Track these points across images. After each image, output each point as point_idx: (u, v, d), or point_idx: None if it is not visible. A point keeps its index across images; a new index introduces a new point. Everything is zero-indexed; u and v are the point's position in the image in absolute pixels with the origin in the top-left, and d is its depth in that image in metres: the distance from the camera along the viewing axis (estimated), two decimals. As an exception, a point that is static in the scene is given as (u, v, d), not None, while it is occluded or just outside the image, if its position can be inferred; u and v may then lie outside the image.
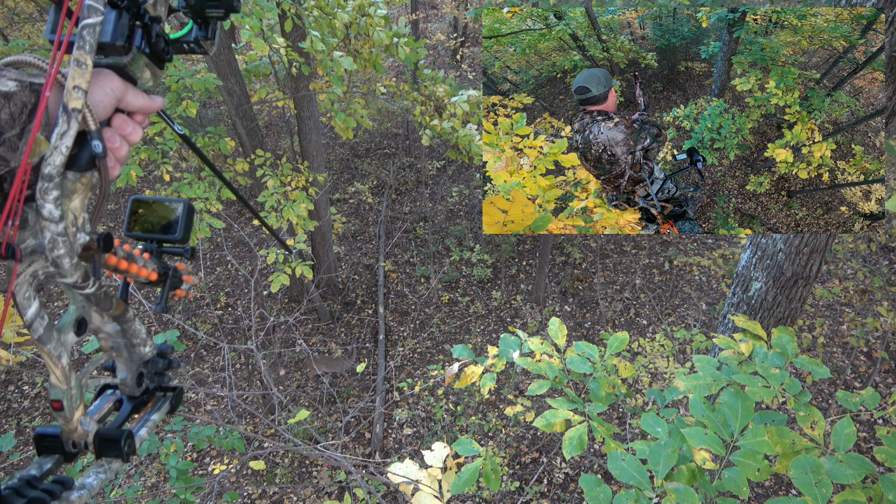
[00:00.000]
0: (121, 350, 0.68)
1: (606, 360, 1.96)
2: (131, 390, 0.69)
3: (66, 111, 0.50)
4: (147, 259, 0.67)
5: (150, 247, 0.69)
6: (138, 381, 0.70)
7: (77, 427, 0.60)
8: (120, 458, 0.63)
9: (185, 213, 0.69)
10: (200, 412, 6.76)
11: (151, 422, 0.69)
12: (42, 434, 0.60)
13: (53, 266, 0.52)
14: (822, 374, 1.72)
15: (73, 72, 0.50)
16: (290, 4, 3.96)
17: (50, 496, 0.56)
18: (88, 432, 0.61)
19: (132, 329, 0.67)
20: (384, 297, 8.42)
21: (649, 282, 8.39)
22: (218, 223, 4.56)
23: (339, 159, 11.93)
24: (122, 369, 0.69)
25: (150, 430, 0.68)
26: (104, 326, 0.64)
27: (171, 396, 0.73)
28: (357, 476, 2.57)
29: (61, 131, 0.50)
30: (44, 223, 0.50)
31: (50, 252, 0.51)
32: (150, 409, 0.71)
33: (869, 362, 6.57)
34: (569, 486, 5.68)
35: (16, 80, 0.51)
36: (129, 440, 0.63)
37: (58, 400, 0.58)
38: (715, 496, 1.46)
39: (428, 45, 14.83)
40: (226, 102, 5.57)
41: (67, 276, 0.53)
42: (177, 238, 0.69)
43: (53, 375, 0.57)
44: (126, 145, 0.60)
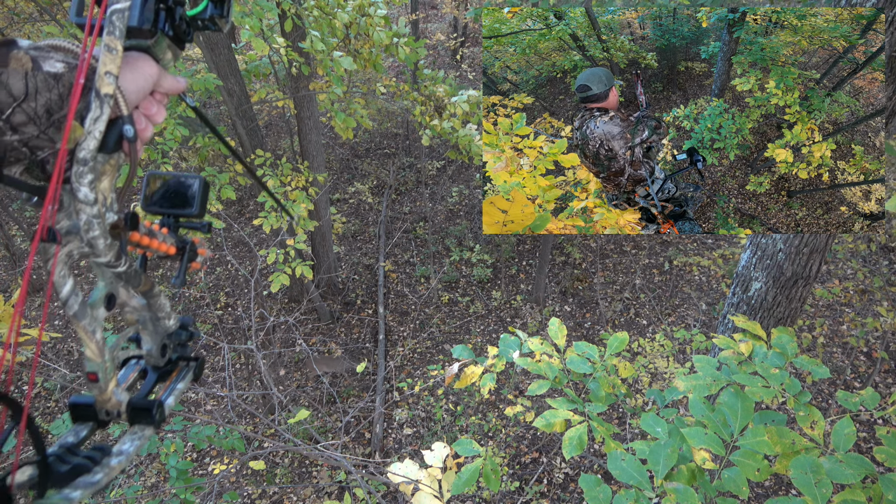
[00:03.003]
0: (146, 323, 0.71)
1: (606, 360, 1.96)
2: (156, 361, 0.73)
3: (98, 96, 0.51)
4: (165, 234, 0.69)
5: (167, 221, 0.70)
6: (162, 352, 0.73)
7: (111, 397, 0.64)
8: (152, 425, 0.66)
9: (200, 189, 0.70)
10: (200, 412, 6.76)
11: (178, 390, 0.73)
12: (76, 403, 0.64)
13: (88, 247, 0.55)
14: (821, 374, 1.72)
15: (105, 58, 0.51)
16: (290, 4, 3.96)
17: (92, 462, 0.60)
18: (121, 402, 0.65)
19: (158, 303, 0.70)
20: (384, 297, 8.42)
21: (649, 282, 8.39)
22: (218, 223, 4.56)
23: (339, 159, 11.93)
24: (148, 341, 0.72)
25: (176, 399, 0.72)
26: (130, 301, 0.67)
27: (193, 366, 0.76)
28: (357, 476, 2.57)
29: (94, 116, 0.51)
30: (79, 206, 0.53)
31: (85, 234, 0.54)
32: (175, 379, 0.74)
33: (869, 362, 6.57)
34: (569, 486, 5.68)
35: (63, 62, 0.53)
36: (159, 408, 0.67)
37: (93, 372, 0.61)
38: (715, 496, 1.46)
39: (428, 45, 14.83)
40: (226, 102, 5.57)
41: (101, 256, 0.56)
42: (194, 213, 0.70)
43: (88, 350, 0.59)
44: (151, 126, 0.61)
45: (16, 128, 0.49)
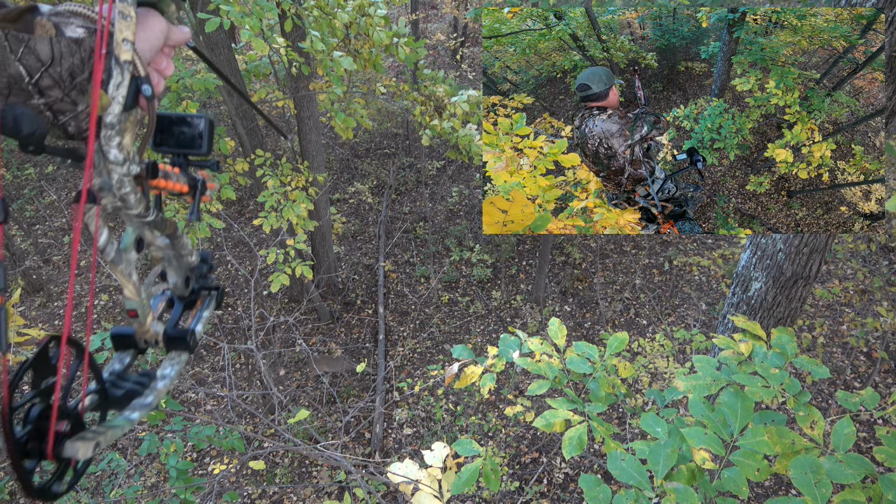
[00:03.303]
0: (171, 260, 0.78)
1: (606, 360, 1.96)
2: (181, 292, 0.81)
3: (118, 63, 0.54)
4: (178, 173, 0.73)
5: (177, 161, 0.74)
6: (186, 283, 0.81)
7: (149, 329, 0.72)
8: (187, 350, 0.75)
9: (207, 128, 0.73)
10: (200, 412, 6.76)
11: (204, 318, 0.81)
12: (118, 334, 0.72)
13: (121, 202, 0.60)
14: (821, 374, 1.72)
15: (120, 25, 0.54)
16: (290, 4, 3.96)
17: (142, 386, 0.69)
18: (158, 332, 0.73)
19: (180, 243, 0.77)
20: (384, 297, 8.42)
21: (649, 282, 8.39)
22: (218, 223, 4.56)
23: (339, 159, 11.93)
24: (173, 275, 0.79)
25: (204, 325, 0.80)
26: (155, 241, 0.73)
27: (215, 294, 0.84)
28: (357, 476, 2.57)
29: (116, 83, 0.55)
30: (110, 166, 0.57)
31: (118, 191, 0.59)
32: (201, 307, 0.82)
33: (869, 362, 6.57)
34: (569, 486, 5.68)
35: (83, 27, 0.55)
36: (192, 336, 0.75)
37: (133, 309, 0.68)
38: (714, 496, 1.46)
39: (428, 45, 14.83)
40: (226, 102, 5.57)
41: (133, 209, 0.62)
42: (203, 152, 0.73)
43: (127, 290, 0.66)
44: (162, 80, 0.64)
45: (42, 91, 0.52)
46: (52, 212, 10.79)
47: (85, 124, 0.56)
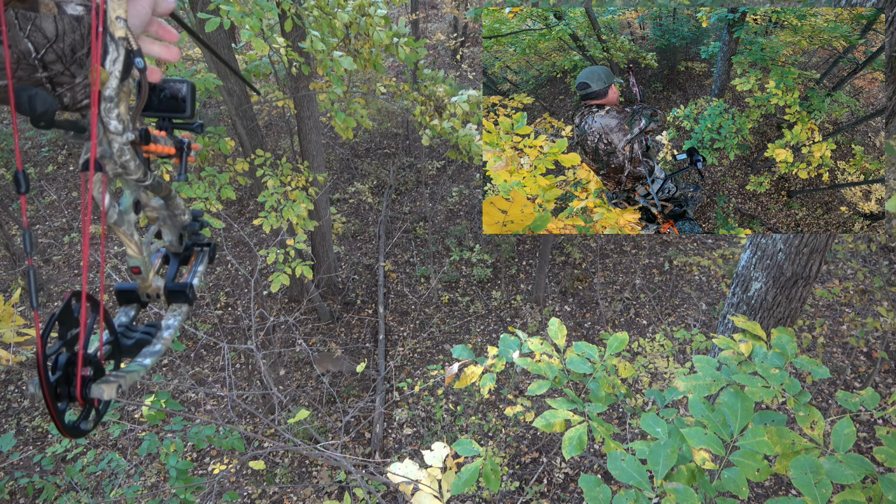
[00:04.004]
0: (165, 220, 0.83)
1: (606, 360, 1.96)
2: (176, 249, 0.87)
3: (113, 40, 0.58)
4: (165, 137, 0.76)
5: (163, 124, 0.77)
6: (180, 240, 0.87)
7: (151, 284, 0.78)
8: (187, 302, 0.81)
9: (190, 92, 0.77)
10: (200, 412, 6.76)
11: (199, 272, 0.87)
12: (122, 289, 0.78)
13: (121, 168, 0.65)
14: (821, 374, 1.72)
15: (113, 3, 0.57)
16: (290, 4, 3.96)
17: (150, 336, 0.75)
18: (159, 287, 0.79)
19: (174, 203, 0.82)
20: (384, 297, 8.42)
21: (649, 282, 8.39)
22: (218, 223, 4.56)
23: (339, 159, 11.93)
24: (168, 234, 0.85)
25: (200, 279, 0.86)
26: (150, 202, 0.78)
27: (207, 250, 0.90)
28: (357, 476, 2.57)
29: (112, 58, 0.58)
30: (111, 136, 0.62)
31: (119, 158, 0.64)
32: (195, 263, 0.88)
33: (869, 362, 6.57)
34: (569, 486, 5.68)
35: (82, 5, 0.59)
36: (190, 289, 0.81)
37: (136, 266, 0.74)
38: (714, 496, 1.46)
39: (428, 45, 14.83)
40: (226, 102, 5.56)
41: (133, 175, 0.67)
42: (187, 115, 0.77)
43: (130, 249, 0.71)
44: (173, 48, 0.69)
45: (46, 66, 0.56)
46: (52, 212, 10.79)
47: (80, 95, 0.60)
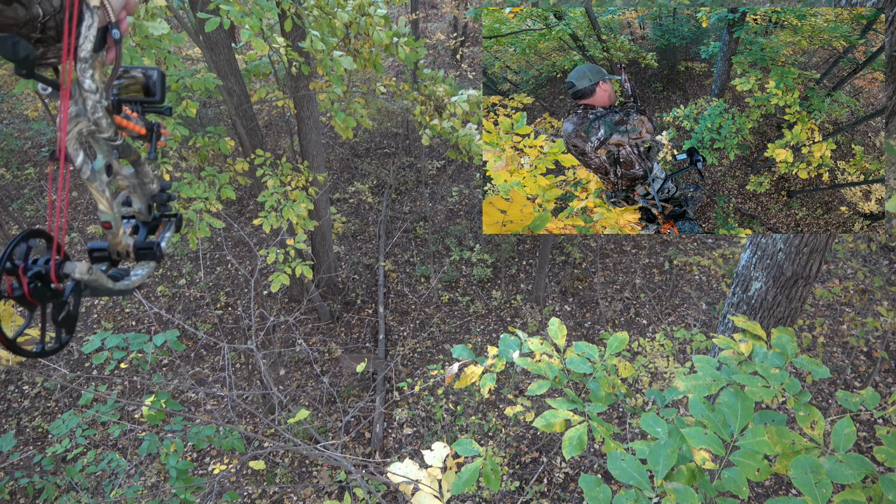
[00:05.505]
0: (135, 188, 0.88)
1: (606, 360, 1.96)
2: (144, 217, 0.91)
3: (89, 8, 0.64)
4: (136, 117, 0.82)
5: (135, 108, 0.82)
6: (149, 210, 0.91)
7: (121, 241, 0.82)
8: (154, 259, 0.85)
9: (159, 79, 0.82)
10: (200, 412, 6.76)
11: (167, 238, 0.92)
12: (93, 248, 0.83)
13: (94, 125, 0.70)
14: (821, 374, 1.72)
15: None
16: (290, 4, 3.96)
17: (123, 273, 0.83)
18: (129, 245, 0.83)
19: (143, 171, 0.87)
20: (384, 296, 8.42)
21: (649, 281, 8.39)
22: (218, 223, 4.56)
23: (339, 159, 11.92)
24: (137, 202, 0.89)
25: (167, 244, 0.91)
26: (122, 170, 0.83)
27: (174, 220, 0.95)
28: (357, 476, 2.57)
29: (88, 24, 0.65)
30: (85, 94, 0.68)
31: (92, 115, 0.69)
32: (163, 230, 0.93)
33: (869, 362, 6.57)
34: (569, 485, 5.68)
35: None
36: (158, 247, 0.85)
37: (107, 221, 0.78)
38: (715, 496, 1.46)
39: (428, 44, 14.83)
40: (226, 102, 5.56)
41: (105, 132, 0.72)
42: (157, 100, 0.83)
43: (101, 205, 0.76)
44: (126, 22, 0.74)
45: (44, 30, 0.63)
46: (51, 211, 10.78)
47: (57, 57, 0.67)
